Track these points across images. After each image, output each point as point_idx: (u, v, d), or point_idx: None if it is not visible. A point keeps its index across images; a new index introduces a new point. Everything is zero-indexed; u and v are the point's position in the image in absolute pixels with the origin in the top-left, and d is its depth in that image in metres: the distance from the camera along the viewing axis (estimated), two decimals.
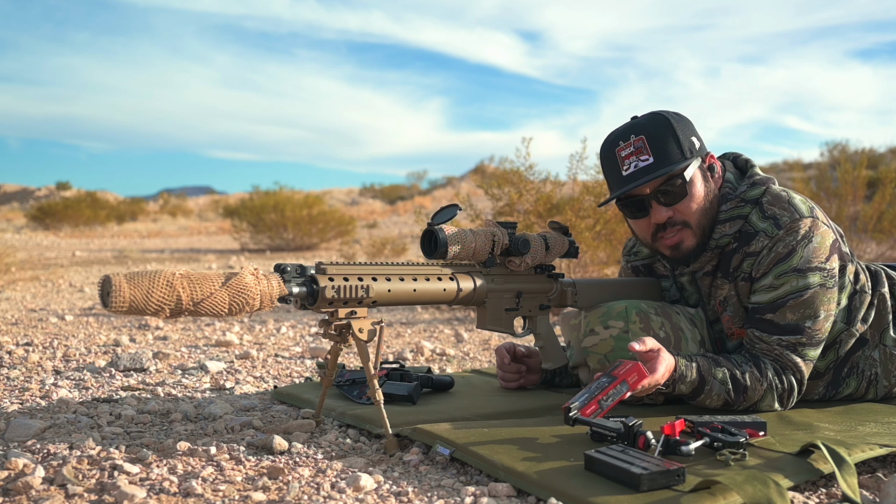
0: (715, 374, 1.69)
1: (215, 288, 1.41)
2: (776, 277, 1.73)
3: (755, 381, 1.70)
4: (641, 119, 1.80)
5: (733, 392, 1.69)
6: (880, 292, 1.89)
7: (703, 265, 1.88)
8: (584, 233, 4.64)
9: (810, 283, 1.72)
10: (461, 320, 4.41)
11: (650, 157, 1.74)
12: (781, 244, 1.73)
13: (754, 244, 1.77)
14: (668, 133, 1.75)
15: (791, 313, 1.72)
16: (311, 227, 12.59)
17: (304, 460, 1.50)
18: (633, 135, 1.77)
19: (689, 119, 1.83)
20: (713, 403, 1.70)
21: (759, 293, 1.76)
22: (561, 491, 1.23)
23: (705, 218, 1.81)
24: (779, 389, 1.73)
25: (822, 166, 10.61)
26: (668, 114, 1.79)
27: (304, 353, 3.14)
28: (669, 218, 1.80)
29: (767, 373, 1.71)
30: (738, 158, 1.93)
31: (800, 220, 1.74)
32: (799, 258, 1.72)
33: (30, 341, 3.30)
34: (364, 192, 33.35)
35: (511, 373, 2.09)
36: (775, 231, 1.74)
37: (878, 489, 1.36)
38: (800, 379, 1.75)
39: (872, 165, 9.35)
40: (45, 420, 1.78)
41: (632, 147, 1.76)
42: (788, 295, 1.72)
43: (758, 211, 1.78)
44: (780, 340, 1.72)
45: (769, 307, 1.74)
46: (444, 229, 1.70)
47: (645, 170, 1.75)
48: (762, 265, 1.75)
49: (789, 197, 1.78)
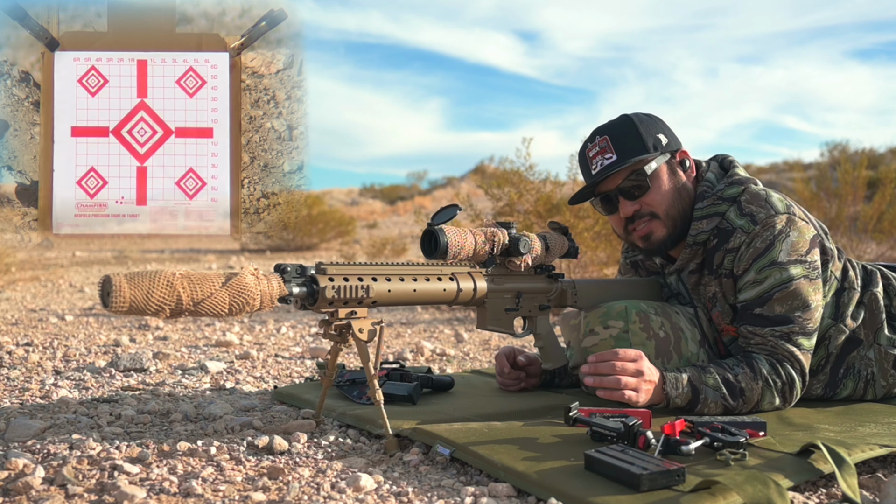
0: (706, 381, 1.68)
1: (215, 288, 1.41)
2: (758, 272, 1.75)
3: (749, 381, 1.69)
4: (610, 121, 1.91)
5: (730, 396, 1.68)
6: (872, 291, 1.90)
7: (685, 263, 1.91)
8: (584, 233, 4.64)
9: (793, 274, 1.74)
10: (461, 320, 4.41)
11: (613, 154, 1.84)
12: (759, 239, 1.76)
13: (732, 241, 1.79)
14: (631, 131, 1.85)
15: (779, 305, 1.73)
16: (311, 228, 12.60)
17: (304, 460, 1.50)
18: (599, 135, 1.87)
19: (658, 118, 1.92)
20: (713, 412, 1.69)
21: (745, 290, 1.78)
22: (561, 491, 1.23)
23: (674, 209, 1.86)
24: (777, 385, 1.72)
25: (822, 166, 10.60)
26: (634, 115, 1.88)
27: (304, 353, 3.14)
28: (636, 210, 1.87)
29: (762, 369, 1.71)
30: (725, 160, 1.98)
31: (775, 216, 1.77)
32: (778, 252, 1.74)
33: (30, 341, 3.31)
34: (364, 193, 33.36)
35: (511, 380, 2.09)
36: (752, 227, 1.77)
37: (878, 489, 1.36)
38: (800, 370, 1.74)
39: (872, 165, 9.34)
40: (45, 420, 1.78)
41: (598, 147, 1.87)
42: (773, 288, 1.74)
43: (735, 209, 1.81)
44: (773, 331, 1.73)
45: (757, 302, 1.75)
46: (444, 229, 1.70)
47: (609, 167, 1.84)
48: (742, 261, 1.78)
49: (767, 195, 1.82)
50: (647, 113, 1.91)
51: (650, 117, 1.90)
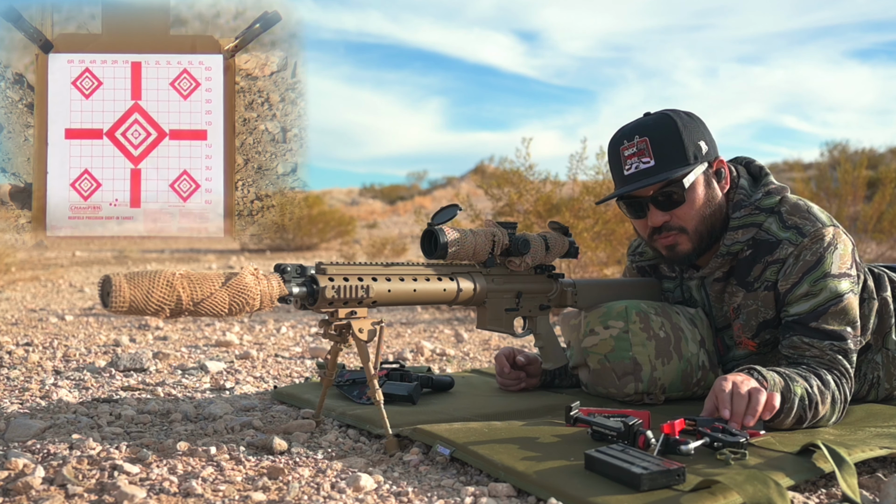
0: (794, 391, 1.57)
1: (215, 288, 1.41)
2: (812, 285, 1.69)
3: (821, 394, 1.61)
4: (650, 118, 1.78)
5: (809, 408, 1.58)
6: (882, 297, 1.87)
7: (712, 271, 1.85)
8: (584, 233, 4.64)
9: (843, 289, 1.68)
10: (461, 320, 4.41)
11: (651, 160, 1.73)
12: (808, 252, 1.70)
13: (778, 252, 1.73)
14: (672, 136, 1.73)
15: (833, 320, 1.67)
16: (310, 228, 12.60)
17: (304, 460, 1.50)
18: (638, 135, 1.75)
19: (700, 121, 1.80)
20: (786, 424, 1.57)
21: (798, 304, 1.71)
22: (561, 490, 1.23)
23: (704, 224, 1.78)
24: (838, 402, 1.63)
25: (822, 166, 10.61)
26: (677, 115, 1.76)
27: (304, 353, 3.14)
28: (666, 222, 1.78)
29: (830, 383, 1.62)
30: (752, 164, 1.89)
31: (823, 228, 1.71)
32: (829, 264, 1.69)
33: (30, 341, 3.31)
34: (364, 193, 33.34)
35: (511, 380, 2.09)
36: (800, 239, 1.71)
37: (878, 489, 1.36)
38: (851, 388, 1.68)
39: (872, 165, 9.35)
40: (45, 420, 1.78)
41: (635, 148, 1.75)
42: (828, 302, 1.67)
43: (777, 220, 1.75)
44: (832, 346, 1.66)
45: (811, 315, 1.68)
46: (444, 229, 1.70)
47: (645, 172, 1.74)
48: (791, 274, 1.71)
49: (808, 206, 1.77)
50: (688, 113, 1.80)
51: (693, 120, 1.78)
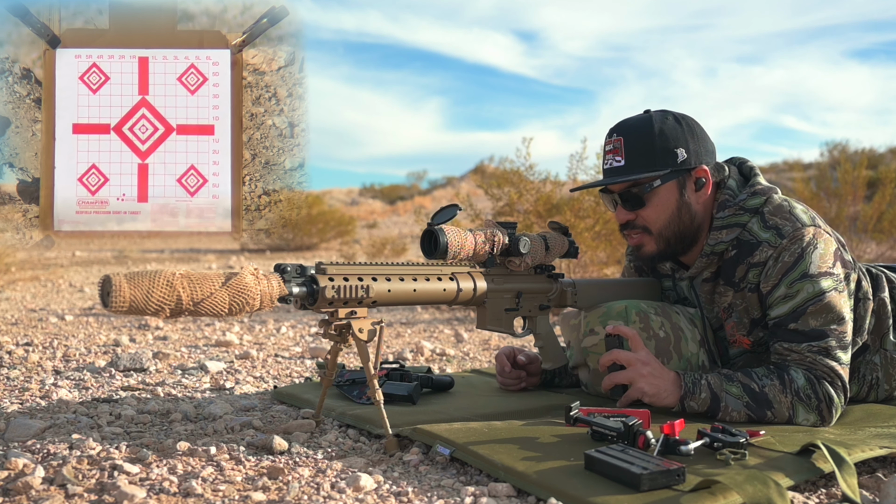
0: (728, 389, 1.64)
1: (215, 288, 1.41)
2: (789, 286, 1.69)
3: (777, 393, 1.64)
4: (634, 119, 1.82)
5: (755, 406, 1.63)
6: (880, 297, 1.87)
7: (699, 271, 1.86)
8: (584, 233, 4.64)
9: (824, 287, 1.68)
10: (461, 320, 4.41)
11: (622, 159, 1.79)
12: (787, 253, 1.70)
13: (758, 255, 1.74)
14: (645, 139, 1.77)
15: (814, 319, 1.68)
16: (310, 227, 12.60)
17: (304, 460, 1.50)
18: (616, 134, 1.81)
19: (691, 127, 1.81)
20: (735, 420, 1.64)
21: (777, 306, 1.72)
22: (561, 491, 1.23)
23: (669, 230, 1.81)
24: (812, 402, 1.64)
25: (822, 166, 10.61)
26: (661, 119, 1.78)
27: (304, 353, 3.14)
28: (630, 220, 1.84)
29: (794, 383, 1.64)
30: (744, 165, 1.90)
31: (802, 228, 1.71)
32: (808, 264, 1.68)
33: (30, 341, 3.31)
34: (364, 193, 33.35)
35: (511, 379, 2.09)
36: (779, 241, 1.71)
37: (878, 489, 1.36)
38: (841, 386, 1.67)
39: (872, 165, 9.35)
40: (45, 420, 1.78)
41: (612, 145, 1.82)
42: (806, 302, 1.68)
43: (759, 221, 1.76)
44: (811, 347, 1.67)
45: (790, 317, 1.69)
46: (444, 229, 1.70)
47: (616, 170, 1.81)
48: (770, 276, 1.72)
49: (791, 207, 1.76)
50: (680, 117, 1.81)
51: (678, 125, 1.79)
